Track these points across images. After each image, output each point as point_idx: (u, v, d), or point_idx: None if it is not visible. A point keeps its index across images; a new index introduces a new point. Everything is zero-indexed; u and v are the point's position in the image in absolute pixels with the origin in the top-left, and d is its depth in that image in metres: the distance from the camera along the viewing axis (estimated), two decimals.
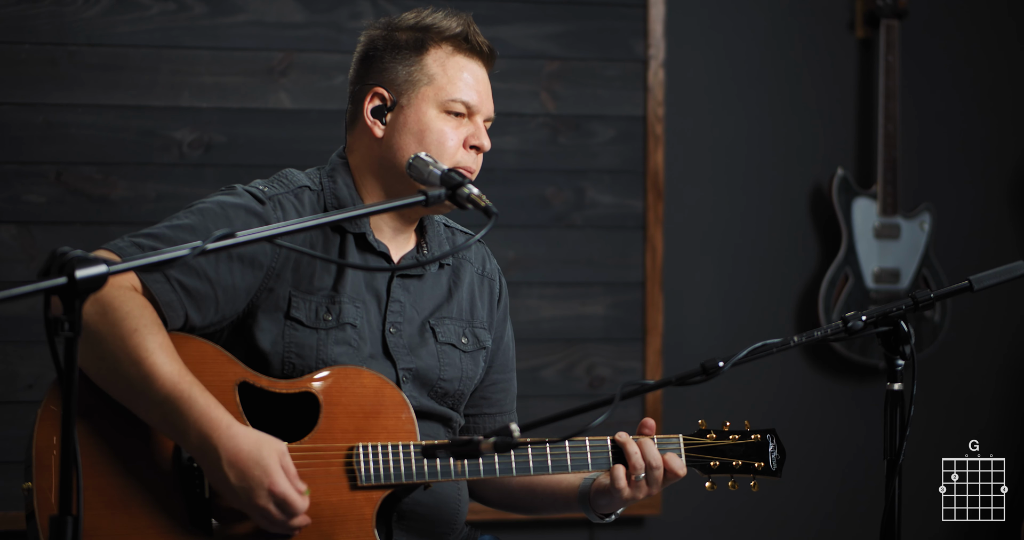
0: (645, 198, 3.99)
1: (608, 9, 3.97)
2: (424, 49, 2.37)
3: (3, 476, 3.46)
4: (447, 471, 2.25)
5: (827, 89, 4.22)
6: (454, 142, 2.35)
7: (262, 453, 2.09)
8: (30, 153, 3.61)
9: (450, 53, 2.37)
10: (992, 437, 4.26)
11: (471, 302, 2.48)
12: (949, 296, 2.18)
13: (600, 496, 2.37)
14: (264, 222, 2.27)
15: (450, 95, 2.35)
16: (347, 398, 2.24)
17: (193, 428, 2.08)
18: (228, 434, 2.09)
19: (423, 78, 2.36)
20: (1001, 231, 4.33)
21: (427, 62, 2.36)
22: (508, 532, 3.39)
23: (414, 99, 2.36)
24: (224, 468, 2.08)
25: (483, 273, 2.53)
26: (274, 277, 2.28)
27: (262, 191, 2.32)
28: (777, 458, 2.41)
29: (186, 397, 2.09)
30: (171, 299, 2.18)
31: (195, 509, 2.15)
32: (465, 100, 2.36)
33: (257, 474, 2.08)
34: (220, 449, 2.08)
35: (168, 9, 3.69)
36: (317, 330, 2.29)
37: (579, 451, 2.33)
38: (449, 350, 2.41)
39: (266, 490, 2.09)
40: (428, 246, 2.44)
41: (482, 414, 2.53)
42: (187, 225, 2.23)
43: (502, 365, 2.55)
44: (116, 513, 2.12)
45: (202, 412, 2.09)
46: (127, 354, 2.09)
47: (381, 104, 2.37)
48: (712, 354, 2.22)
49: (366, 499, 2.22)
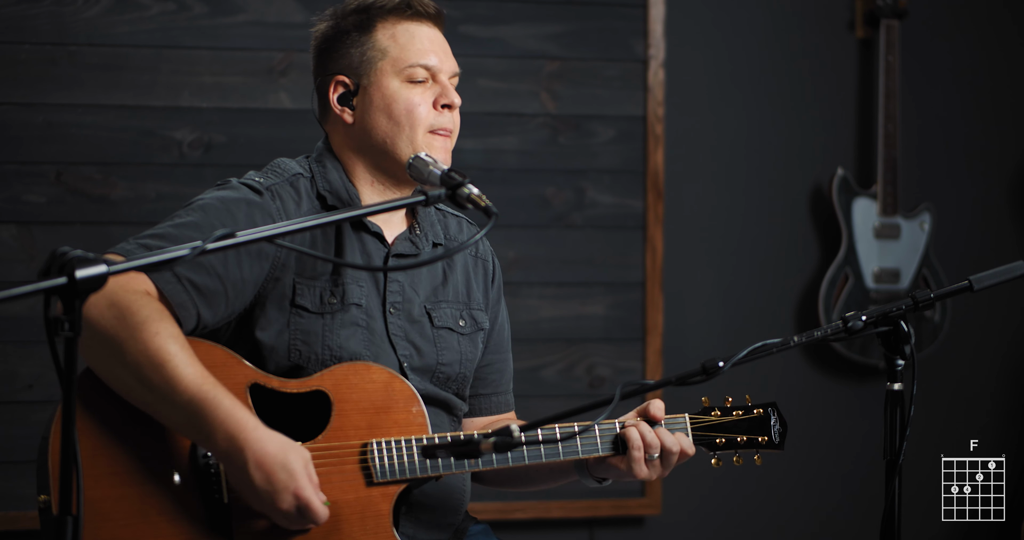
0: (645, 198, 3.99)
1: (608, 9, 3.97)
2: (372, 27, 2.38)
3: (3, 476, 3.46)
4: (461, 463, 2.26)
5: (827, 89, 4.22)
6: (424, 107, 2.36)
7: (288, 458, 2.10)
8: (30, 153, 3.61)
9: (396, 23, 2.38)
10: (992, 437, 4.26)
11: (467, 284, 2.49)
12: (949, 296, 2.18)
13: (599, 466, 2.38)
14: (264, 212, 2.29)
15: (407, 62, 2.36)
16: (357, 394, 2.24)
17: (220, 430, 2.08)
18: (255, 436, 2.09)
19: (377, 54, 2.37)
20: (1001, 231, 4.33)
21: (377, 38, 2.38)
22: (508, 532, 3.39)
23: (374, 77, 2.37)
24: (251, 470, 2.08)
25: (476, 254, 2.54)
26: (280, 267, 2.30)
27: (258, 182, 2.33)
28: (779, 431, 2.44)
29: (211, 399, 2.09)
30: (183, 299, 2.18)
31: (214, 515, 2.16)
32: (423, 63, 2.37)
33: (283, 477, 2.09)
34: (247, 451, 2.08)
35: (168, 9, 3.69)
36: (323, 315, 2.30)
37: (588, 438, 2.33)
38: (446, 334, 2.42)
39: (292, 494, 2.09)
40: (420, 227, 2.45)
41: (478, 395, 2.54)
42: (191, 223, 2.23)
43: (497, 345, 2.56)
44: (136, 522, 2.12)
45: (228, 414, 2.09)
46: (149, 359, 2.09)
47: (345, 90, 2.39)
48: (712, 354, 2.22)
49: (382, 495, 2.23)
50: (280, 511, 2.10)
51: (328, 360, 2.29)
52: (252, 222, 2.26)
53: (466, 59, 3.83)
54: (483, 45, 3.86)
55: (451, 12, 3.80)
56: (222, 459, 2.11)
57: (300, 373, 2.28)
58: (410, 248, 2.42)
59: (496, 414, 2.57)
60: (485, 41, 3.87)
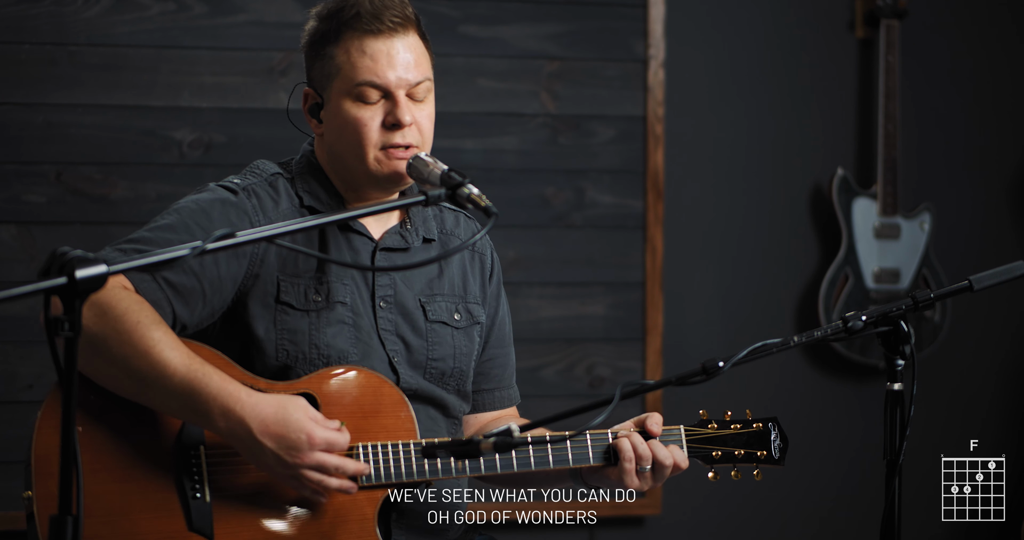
0: (645, 198, 3.99)
1: (608, 9, 3.97)
2: (335, 39, 2.32)
3: (3, 476, 3.46)
4: (447, 469, 2.25)
5: (827, 89, 4.22)
6: (371, 128, 2.30)
7: (288, 412, 2.10)
8: (30, 153, 3.61)
9: (354, 37, 2.31)
10: (992, 437, 4.26)
11: (463, 278, 2.48)
12: (949, 296, 2.18)
13: (593, 475, 2.37)
14: (240, 211, 2.29)
15: (353, 81, 2.30)
16: (346, 398, 2.24)
17: (215, 408, 2.09)
18: (250, 403, 2.09)
19: (333, 71, 2.32)
20: (1001, 231, 4.33)
21: (335, 53, 2.32)
22: (508, 532, 3.39)
23: (331, 95, 2.34)
24: (259, 438, 2.09)
25: (473, 248, 2.52)
26: (258, 263, 2.28)
27: (235, 183, 2.33)
28: (779, 446, 2.40)
29: (200, 378, 2.09)
30: (158, 297, 2.18)
31: (195, 514, 2.15)
32: (369, 80, 2.29)
33: (292, 432, 2.09)
34: (248, 420, 2.09)
35: (168, 9, 3.68)
36: (308, 313, 2.29)
37: (580, 446, 2.32)
38: (439, 328, 2.40)
39: (307, 443, 2.10)
40: (412, 221, 2.43)
41: (481, 390, 2.53)
42: (167, 225, 2.24)
43: (499, 340, 2.54)
44: (117, 519, 2.12)
45: (219, 389, 2.09)
46: (134, 348, 2.09)
47: (315, 103, 2.37)
48: (712, 354, 2.21)
49: (367, 499, 2.22)
50: (307, 465, 2.11)
51: (316, 359, 2.28)
52: (227, 221, 2.26)
53: (466, 59, 3.85)
54: (483, 45, 3.86)
55: (451, 12, 3.81)
56: (227, 437, 2.12)
57: (288, 373, 2.27)
58: (399, 242, 2.40)
59: (500, 409, 2.56)
60: (485, 41, 3.87)
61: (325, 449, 2.12)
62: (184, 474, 2.16)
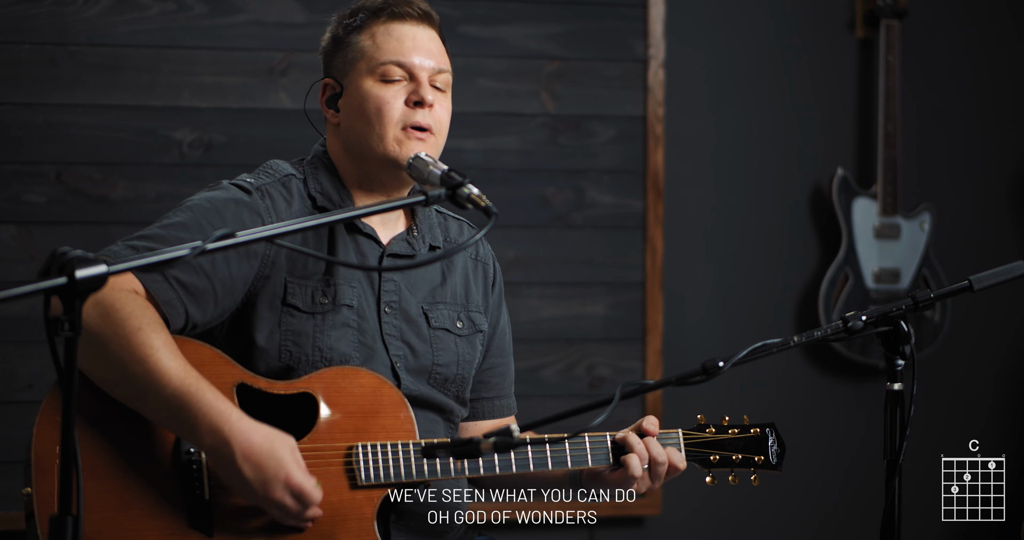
0: (645, 198, 3.99)
1: (608, 9, 3.97)
2: (359, 29, 2.38)
3: (3, 476, 3.46)
4: (446, 470, 2.25)
5: (827, 89, 4.22)
6: (393, 106, 2.34)
7: (275, 446, 2.10)
8: (30, 153, 3.61)
9: (380, 24, 2.37)
10: (992, 437, 4.26)
11: (465, 286, 2.49)
12: (949, 296, 2.18)
13: (592, 480, 2.37)
14: (254, 211, 2.29)
15: (380, 60, 2.35)
16: (345, 398, 2.24)
17: (203, 424, 2.09)
18: (239, 427, 2.09)
19: (357, 55, 2.37)
20: (1001, 231, 4.33)
21: (360, 39, 2.37)
22: (508, 532, 3.39)
23: (353, 78, 2.37)
24: (239, 462, 2.08)
25: (476, 258, 2.53)
26: (270, 265, 2.29)
27: (248, 183, 2.34)
28: (777, 452, 2.41)
29: (193, 393, 2.09)
30: (170, 297, 2.18)
31: (195, 510, 2.15)
32: (396, 60, 2.35)
33: (272, 466, 2.09)
34: (233, 443, 2.08)
35: (168, 9, 3.69)
36: (314, 315, 2.30)
37: (579, 448, 2.33)
38: (442, 335, 2.41)
39: (282, 482, 2.09)
40: (418, 228, 2.44)
41: (480, 398, 2.54)
42: (179, 223, 2.24)
43: (499, 349, 2.55)
44: (116, 516, 2.12)
45: (211, 407, 2.09)
46: (132, 353, 2.09)
47: (332, 93, 2.40)
48: (712, 354, 2.22)
49: (366, 499, 2.22)
50: (274, 501, 2.10)
51: (318, 361, 2.28)
52: (240, 221, 2.26)
53: (466, 59, 3.85)
54: (483, 45, 3.86)
55: (451, 12, 3.81)
56: (209, 454, 2.11)
57: (291, 374, 2.28)
58: (406, 249, 2.41)
59: (498, 418, 2.57)
60: (485, 41, 3.87)
61: (295, 494, 2.11)
62: (184, 472, 2.16)
